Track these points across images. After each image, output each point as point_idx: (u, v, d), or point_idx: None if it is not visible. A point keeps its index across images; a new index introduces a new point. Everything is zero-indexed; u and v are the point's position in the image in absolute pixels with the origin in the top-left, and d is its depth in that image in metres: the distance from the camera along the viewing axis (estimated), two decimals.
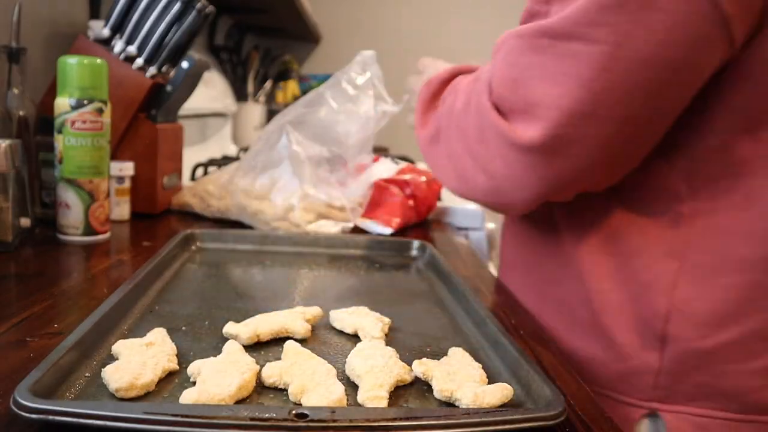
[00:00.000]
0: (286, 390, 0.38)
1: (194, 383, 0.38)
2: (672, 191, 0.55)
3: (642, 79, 0.49)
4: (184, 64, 0.89)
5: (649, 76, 0.49)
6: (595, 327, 0.59)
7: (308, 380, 0.38)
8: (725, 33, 0.47)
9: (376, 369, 0.40)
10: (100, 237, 0.75)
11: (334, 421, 0.32)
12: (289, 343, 0.44)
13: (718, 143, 0.53)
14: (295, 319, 0.49)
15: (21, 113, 0.79)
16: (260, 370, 0.40)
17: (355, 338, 0.49)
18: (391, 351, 0.43)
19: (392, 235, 0.88)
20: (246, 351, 0.43)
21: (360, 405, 0.37)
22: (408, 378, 0.41)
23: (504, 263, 0.75)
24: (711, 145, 0.53)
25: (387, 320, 0.51)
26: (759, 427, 0.54)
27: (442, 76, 0.70)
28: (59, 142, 0.72)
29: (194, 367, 0.39)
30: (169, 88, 0.90)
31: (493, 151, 0.56)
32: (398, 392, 0.40)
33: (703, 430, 0.55)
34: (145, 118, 0.90)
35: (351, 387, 0.40)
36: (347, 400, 0.37)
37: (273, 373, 0.39)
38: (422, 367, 0.41)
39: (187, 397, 0.35)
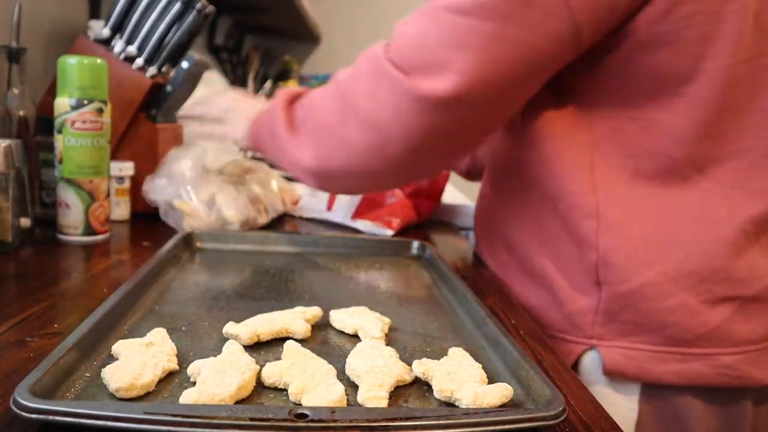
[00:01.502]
0: (286, 390, 0.38)
1: (194, 383, 0.38)
2: (579, 163, 0.66)
3: (518, 55, 0.59)
4: (184, 64, 0.89)
5: (524, 55, 0.60)
6: (545, 279, 0.70)
7: (308, 380, 0.38)
8: (575, 33, 0.59)
9: (376, 369, 0.40)
10: (100, 237, 0.75)
11: (334, 421, 0.32)
12: (289, 343, 0.44)
13: (608, 116, 0.66)
14: (295, 319, 0.49)
15: (21, 113, 0.79)
16: (260, 370, 0.40)
17: (355, 338, 0.49)
18: (391, 351, 0.43)
19: (392, 235, 0.88)
20: (246, 351, 0.43)
21: (360, 405, 0.37)
22: (408, 378, 0.41)
23: (476, 236, 0.86)
24: (604, 120, 0.66)
25: (387, 320, 0.51)
26: (678, 357, 0.63)
27: (282, 98, 0.76)
28: (59, 142, 0.72)
29: (194, 367, 0.39)
30: (169, 88, 0.90)
31: (385, 103, 0.62)
32: (398, 392, 0.40)
33: (632, 360, 0.64)
34: (145, 118, 0.90)
35: (351, 387, 0.40)
36: (347, 400, 0.37)
37: (273, 373, 0.39)
38: (422, 367, 0.41)
39: (187, 397, 0.35)
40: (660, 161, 0.64)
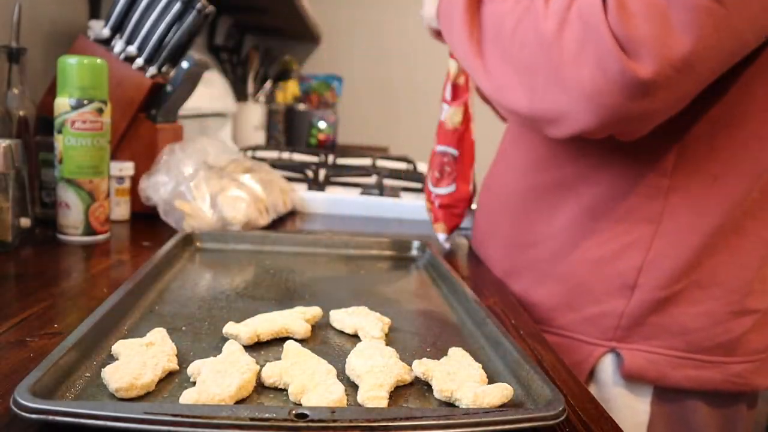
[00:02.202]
0: (286, 390, 0.38)
1: (194, 383, 0.38)
2: (660, 167, 0.63)
3: (732, 45, 0.54)
4: (184, 64, 0.89)
5: (734, 47, 0.54)
6: (567, 279, 0.69)
7: (308, 380, 0.38)
8: None
9: (376, 369, 0.40)
10: (100, 237, 0.75)
11: (334, 421, 0.32)
12: (289, 343, 0.44)
13: (706, 131, 0.62)
14: (295, 319, 0.49)
15: (21, 113, 0.79)
16: (260, 370, 0.40)
17: (355, 338, 0.49)
18: (391, 351, 0.43)
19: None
20: (246, 351, 0.43)
21: (360, 405, 0.37)
22: (408, 378, 0.41)
23: (479, 232, 0.82)
24: (700, 133, 0.62)
25: (387, 320, 0.51)
26: (695, 363, 0.64)
27: None
28: (59, 142, 0.72)
29: (194, 367, 0.39)
30: (169, 88, 0.90)
31: (589, 75, 0.54)
32: (398, 392, 0.40)
33: (653, 364, 0.64)
34: (145, 118, 0.90)
35: (351, 387, 0.40)
36: (347, 400, 0.37)
37: (273, 373, 0.39)
38: (422, 367, 0.41)
39: (187, 397, 0.35)
40: (749, 182, 0.62)
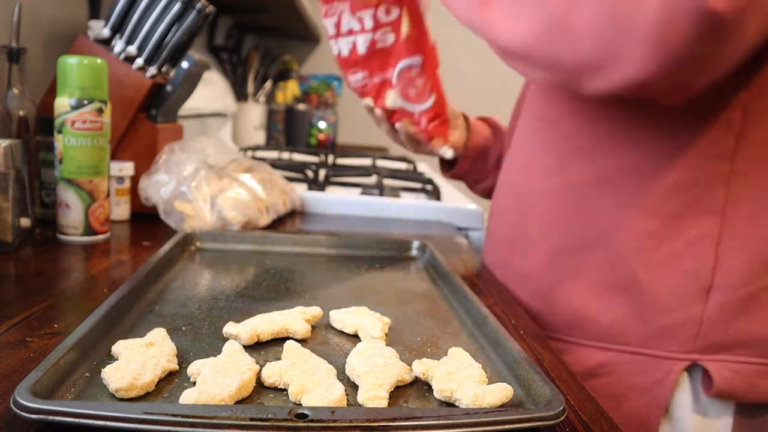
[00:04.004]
0: (286, 390, 0.38)
1: (194, 383, 0.38)
2: (718, 151, 0.56)
3: None
4: (184, 64, 0.89)
5: None
6: (630, 287, 0.59)
7: (308, 380, 0.38)
8: None
9: (377, 369, 0.40)
10: (100, 237, 0.75)
11: (334, 421, 0.32)
12: (289, 343, 0.44)
13: None
14: (295, 319, 0.49)
15: (21, 113, 0.79)
16: (260, 371, 0.40)
17: (355, 338, 0.49)
18: (391, 351, 0.43)
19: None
20: (246, 351, 0.42)
21: (360, 405, 0.37)
22: (408, 378, 0.41)
23: (497, 241, 0.71)
24: (764, 110, 0.55)
25: (387, 320, 0.51)
26: None
27: None
28: (59, 142, 0.72)
29: (194, 367, 0.39)
30: (169, 88, 0.90)
31: (653, 4, 0.45)
32: (398, 392, 0.40)
33: (741, 375, 0.57)
34: (145, 118, 0.90)
35: (351, 387, 0.40)
36: (347, 400, 0.37)
37: (273, 373, 0.39)
38: (422, 367, 0.41)
39: (187, 397, 0.35)
40: None
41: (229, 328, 0.46)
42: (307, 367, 0.40)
